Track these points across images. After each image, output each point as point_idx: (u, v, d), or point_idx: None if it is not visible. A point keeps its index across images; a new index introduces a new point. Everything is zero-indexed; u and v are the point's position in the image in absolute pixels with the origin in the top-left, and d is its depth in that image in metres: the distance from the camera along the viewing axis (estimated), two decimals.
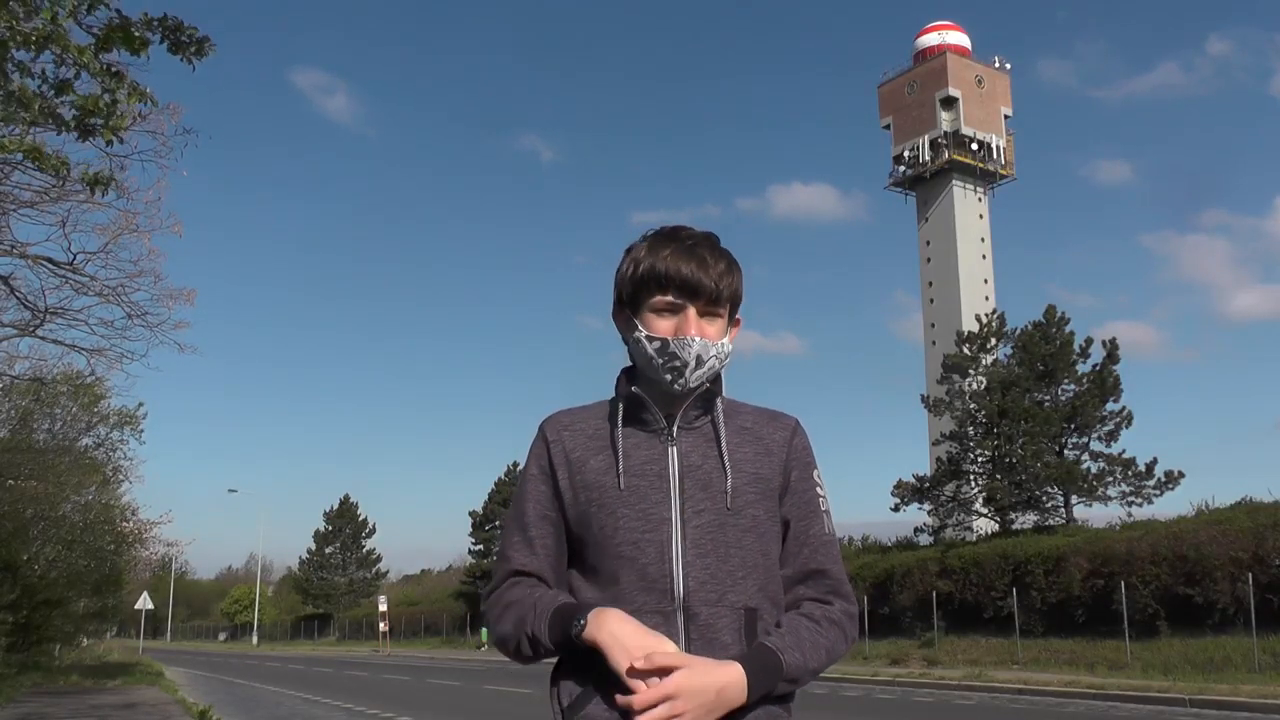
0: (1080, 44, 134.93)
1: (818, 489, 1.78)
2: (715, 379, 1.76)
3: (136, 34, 6.02)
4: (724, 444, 1.71)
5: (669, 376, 1.69)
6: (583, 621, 1.60)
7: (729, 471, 1.69)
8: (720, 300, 1.70)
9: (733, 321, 1.77)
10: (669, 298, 1.69)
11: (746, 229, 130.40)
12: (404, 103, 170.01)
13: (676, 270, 1.68)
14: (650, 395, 1.73)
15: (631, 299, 1.74)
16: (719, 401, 1.75)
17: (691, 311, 1.68)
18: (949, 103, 71.70)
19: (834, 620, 1.71)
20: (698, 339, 1.67)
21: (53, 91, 6.02)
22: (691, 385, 1.69)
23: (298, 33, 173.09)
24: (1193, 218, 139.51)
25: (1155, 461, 29.06)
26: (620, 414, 1.73)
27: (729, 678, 1.55)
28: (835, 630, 1.70)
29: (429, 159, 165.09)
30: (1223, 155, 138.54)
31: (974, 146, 71.48)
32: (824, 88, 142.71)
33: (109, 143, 6.57)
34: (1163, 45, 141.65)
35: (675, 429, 1.72)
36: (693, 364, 1.67)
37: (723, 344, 1.71)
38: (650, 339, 1.69)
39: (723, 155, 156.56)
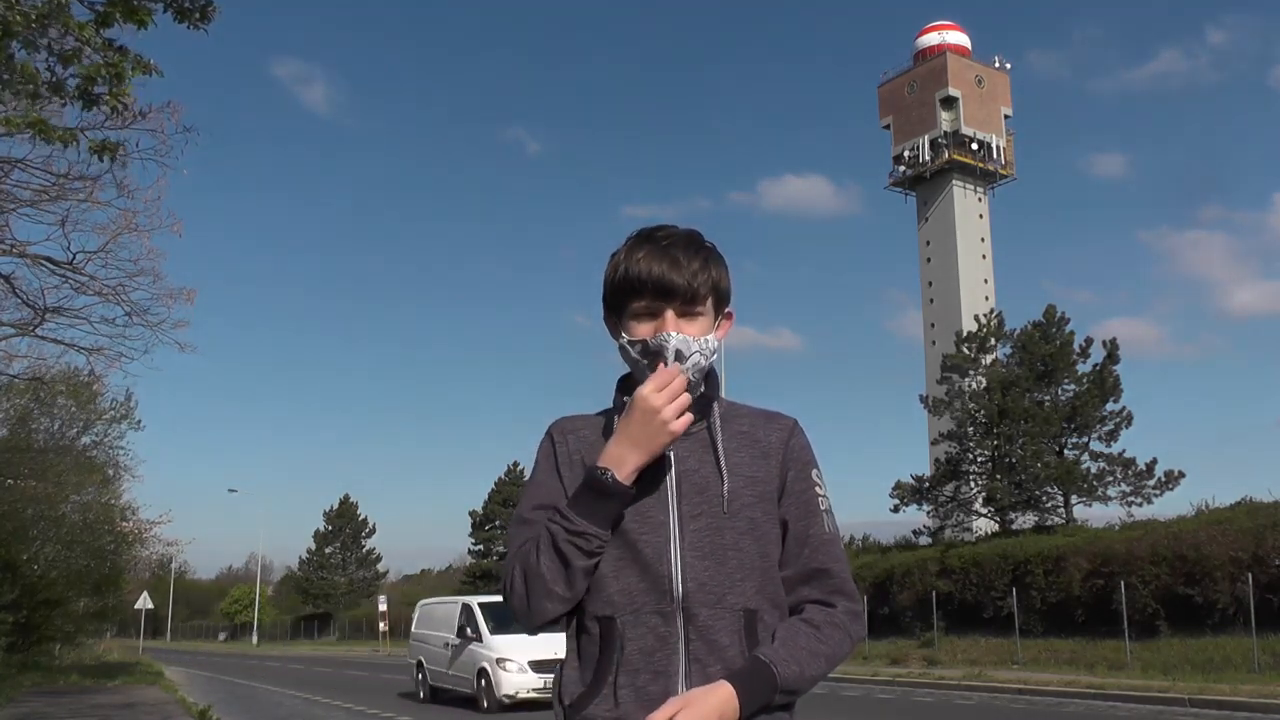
0: (1077, 33, 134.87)
1: (816, 488, 1.77)
2: (710, 381, 1.76)
3: (138, 3, 5.98)
4: (720, 448, 1.71)
5: None
6: (607, 472, 1.61)
7: (725, 475, 1.69)
8: (697, 298, 1.70)
9: (722, 317, 1.77)
10: (644, 302, 1.70)
11: (741, 223, 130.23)
12: (386, 93, 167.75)
13: (649, 272, 1.68)
14: None
15: (614, 304, 1.75)
16: (715, 406, 1.74)
17: (669, 313, 1.68)
18: (949, 103, 71.75)
19: (836, 624, 1.70)
20: (675, 334, 1.67)
21: (57, 61, 6.00)
22: None
23: (274, 21, 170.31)
24: (1191, 213, 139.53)
25: (1155, 461, 29.14)
26: (615, 425, 1.73)
27: (719, 699, 1.56)
28: (838, 634, 1.69)
29: (413, 151, 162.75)
30: (1221, 149, 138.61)
31: (974, 146, 71.56)
32: (823, 86, 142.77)
33: (113, 110, 6.52)
34: (1161, 35, 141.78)
35: None
36: (671, 359, 1.67)
37: (706, 339, 1.70)
38: (632, 343, 1.71)
39: (716, 150, 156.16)
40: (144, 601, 42.93)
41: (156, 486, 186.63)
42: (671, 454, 1.71)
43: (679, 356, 1.67)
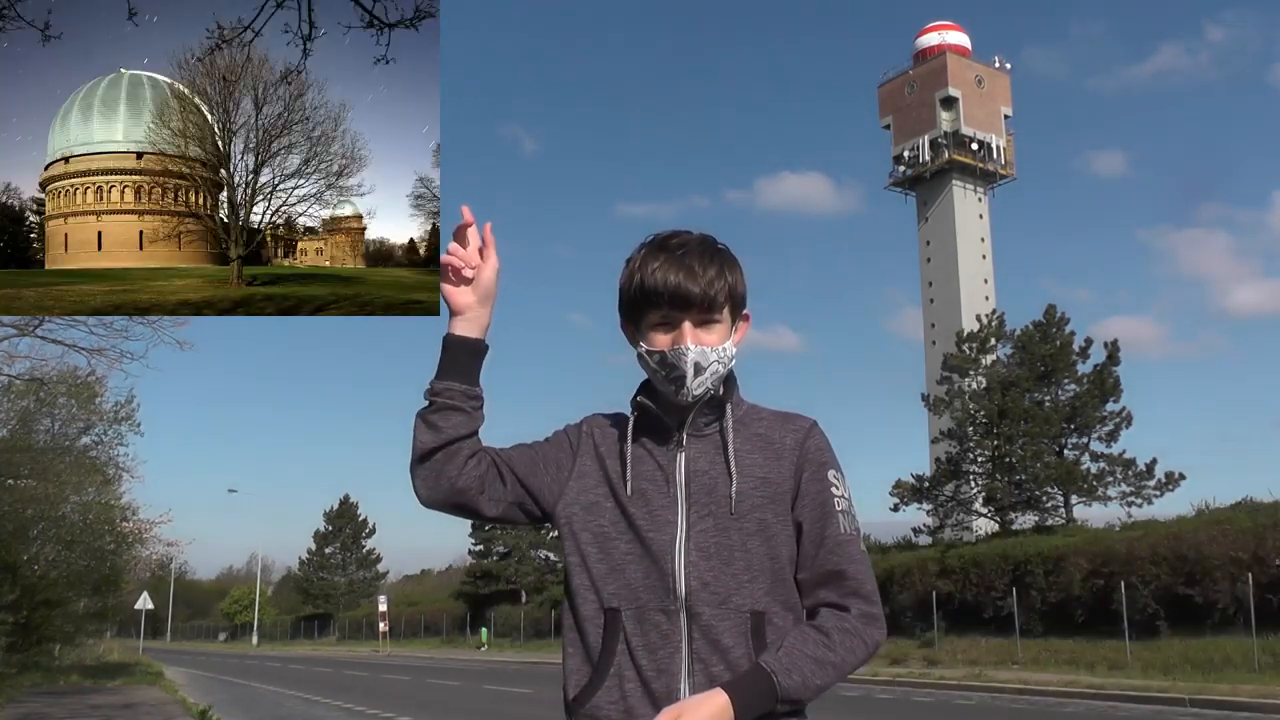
0: (1076, 31, 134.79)
1: (834, 489, 1.74)
2: (728, 384, 1.77)
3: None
4: (730, 450, 1.71)
5: (672, 388, 1.70)
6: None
7: (734, 476, 1.70)
8: (715, 307, 1.70)
9: (739, 320, 1.77)
10: (662, 312, 1.70)
11: (739, 222, 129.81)
12: None
13: (665, 283, 1.68)
14: (660, 405, 1.75)
15: (631, 314, 1.76)
16: (729, 407, 1.75)
17: (686, 324, 1.69)
18: (949, 103, 71.73)
19: (849, 630, 1.67)
20: (693, 347, 1.68)
21: None
22: (695, 393, 1.70)
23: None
24: (1191, 211, 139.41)
25: (1155, 462, 29.15)
26: (631, 426, 1.76)
27: (714, 707, 1.56)
28: (851, 640, 1.67)
29: None
30: (1221, 147, 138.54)
31: (974, 146, 71.53)
32: (822, 85, 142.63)
33: None
34: (1160, 32, 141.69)
35: (685, 436, 1.74)
36: (691, 373, 1.68)
37: (724, 348, 1.71)
38: (651, 353, 1.71)
39: (714, 148, 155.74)
40: (144, 602, 42.90)
41: (156, 486, 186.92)
42: (683, 455, 1.73)
43: (697, 369, 1.68)
